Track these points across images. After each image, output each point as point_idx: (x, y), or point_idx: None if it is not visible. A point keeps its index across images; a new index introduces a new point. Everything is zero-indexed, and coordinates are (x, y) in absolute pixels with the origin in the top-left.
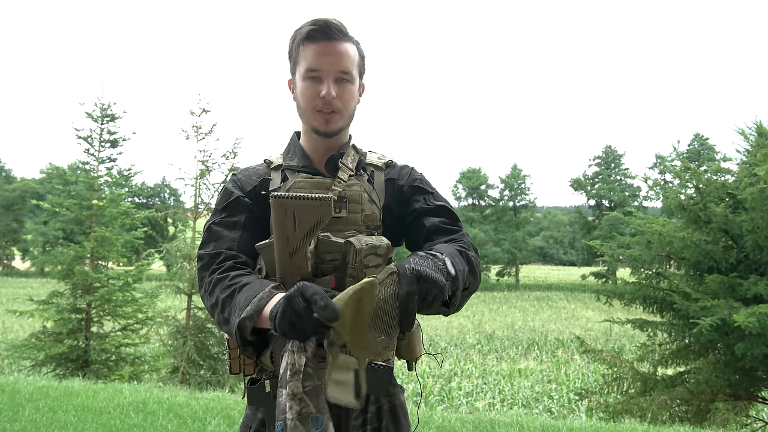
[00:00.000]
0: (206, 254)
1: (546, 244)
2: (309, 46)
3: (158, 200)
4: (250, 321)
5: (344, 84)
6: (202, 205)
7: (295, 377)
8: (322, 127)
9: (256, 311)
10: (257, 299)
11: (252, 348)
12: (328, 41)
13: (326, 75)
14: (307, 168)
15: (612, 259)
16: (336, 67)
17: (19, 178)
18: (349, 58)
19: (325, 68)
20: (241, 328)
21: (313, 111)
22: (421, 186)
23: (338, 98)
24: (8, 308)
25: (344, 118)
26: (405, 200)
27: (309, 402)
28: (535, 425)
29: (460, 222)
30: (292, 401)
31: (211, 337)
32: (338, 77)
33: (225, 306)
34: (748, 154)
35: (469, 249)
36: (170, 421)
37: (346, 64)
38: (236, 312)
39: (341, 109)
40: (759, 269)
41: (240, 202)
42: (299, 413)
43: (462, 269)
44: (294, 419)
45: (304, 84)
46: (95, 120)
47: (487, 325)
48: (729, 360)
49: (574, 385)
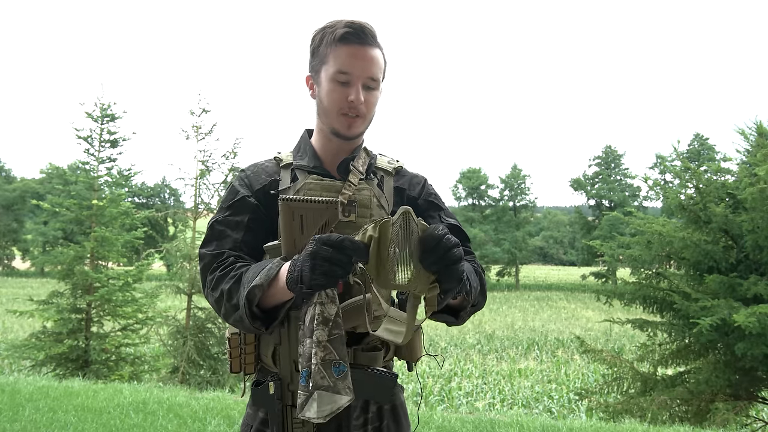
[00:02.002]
0: (208, 254)
1: (546, 244)
2: (342, 47)
3: (158, 200)
4: (259, 290)
5: (371, 90)
6: (202, 205)
7: (321, 326)
8: (344, 130)
9: (266, 279)
10: (267, 269)
11: (260, 321)
12: (362, 45)
13: (356, 79)
14: (318, 169)
15: (612, 259)
16: (366, 72)
17: (19, 178)
18: (378, 64)
19: (355, 72)
20: (250, 298)
21: (338, 114)
22: (435, 202)
23: (364, 104)
24: (8, 308)
25: (366, 123)
26: (419, 214)
27: (333, 350)
28: (535, 425)
29: (470, 242)
30: (317, 347)
31: (211, 337)
32: (366, 83)
33: (232, 294)
34: (748, 154)
35: (481, 269)
36: (170, 421)
37: (375, 71)
38: (245, 287)
39: (365, 115)
40: (759, 269)
41: (245, 202)
42: (323, 359)
43: (475, 287)
44: (318, 364)
45: (331, 85)
46: (95, 120)
47: (487, 325)
48: (729, 360)
49: (574, 385)
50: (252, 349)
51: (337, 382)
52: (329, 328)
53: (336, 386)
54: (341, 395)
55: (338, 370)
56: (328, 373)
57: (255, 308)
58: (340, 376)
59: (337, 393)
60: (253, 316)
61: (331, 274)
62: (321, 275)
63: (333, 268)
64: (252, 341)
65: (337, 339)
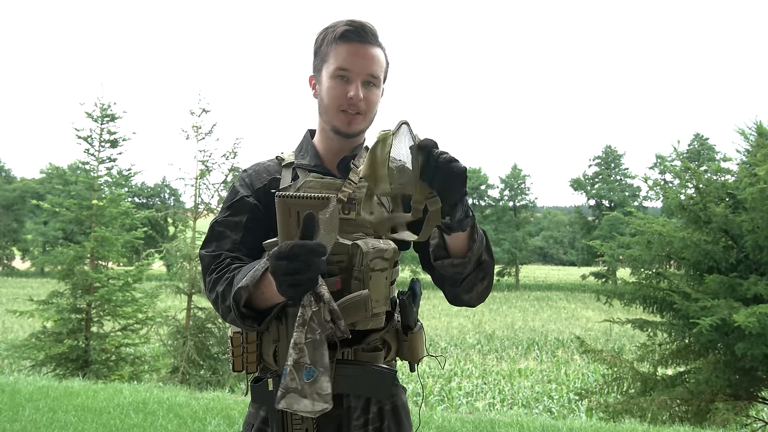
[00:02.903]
0: (207, 255)
1: (546, 244)
2: (342, 45)
3: (158, 200)
4: (245, 291)
5: (371, 87)
6: (202, 205)
7: (299, 328)
8: (344, 127)
9: (252, 281)
10: (253, 270)
11: (251, 320)
12: (362, 43)
13: (355, 76)
14: (318, 168)
15: (612, 259)
16: (366, 69)
17: (19, 178)
18: (378, 62)
19: (355, 69)
20: (236, 299)
21: (337, 110)
22: None
23: (364, 101)
24: (8, 308)
25: (366, 120)
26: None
27: (306, 353)
28: (535, 425)
29: None
30: (293, 349)
31: (211, 337)
32: (366, 80)
33: (225, 296)
34: (748, 154)
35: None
36: (170, 421)
37: (375, 68)
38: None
39: (365, 112)
40: (759, 269)
41: (243, 203)
42: (296, 362)
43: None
44: (291, 366)
45: (331, 82)
46: (95, 120)
47: (487, 325)
48: (729, 360)
49: (574, 385)
50: (254, 348)
51: (305, 386)
52: (305, 331)
53: (303, 390)
54: (308, 400)
55: (308, 374)
56: (299, 376)
57: (243, 309)
58: (309, 381)
59: (304, 398)
60: (243, 316)
61: (297, 284)
62: (288, 288)
63: (296, 278)
64: (254, 340)
65: (311, 343)
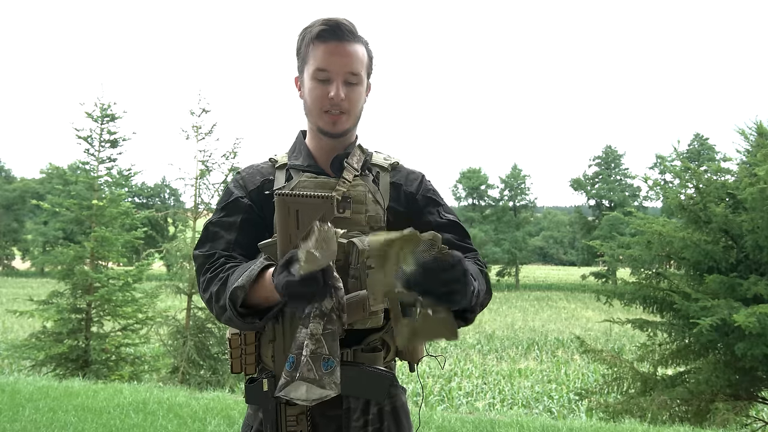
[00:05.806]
0: (201, 255)
1: (546, 244)
2: (319, 45)
3: (158, 200)
4: (241, 291)
5: (352, 86)
6: (202, 205)
7: (317, 319)
8: (328, 128)
9: (248, 281)
10: (249, 270)
11: (251, 317)
12: (339, 42)
13: (335, 76)
14: (312, 167)
15: (612, 259)
16: (345, 68)
17: (19, 178)
18: (358, 59)
19: (334, 69)
20: (233, 299)
21: (320, 111)
22: (434, 198)
23: (346, 100)
24: (8, 308)
25: (351, 119)
26: (418, 210)
27: (324, 344)
28: (535, 425)
29: (470, 238)
30: (310, 340)
31: (211, 337)
32: (347, 79)
33: (219, 296)
34: (748, 154)
35: (485, 268)
36: (170, 421)
37: (356, 66)
38: (229, 289)
39: (349, 110)
40: (759, 269)
41: (237, 203)
42: (313, 352)
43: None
44: (308, 357)
45: (312, 83)
46: (95, 120)
47: (487, 325)
48: (729, 360)
49: (574, 385)
50: (252, 350)
51: (324, 376)
52: (324, 323)
53: (322, 380)
54: (325, 390)
55: (327, 365)
56: (316, 366)
57: (240, 308)
58: (328, 371)
59: (322, 387)
60: (241, 315)
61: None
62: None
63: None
64: (252, 342)
65: (329, 334)
